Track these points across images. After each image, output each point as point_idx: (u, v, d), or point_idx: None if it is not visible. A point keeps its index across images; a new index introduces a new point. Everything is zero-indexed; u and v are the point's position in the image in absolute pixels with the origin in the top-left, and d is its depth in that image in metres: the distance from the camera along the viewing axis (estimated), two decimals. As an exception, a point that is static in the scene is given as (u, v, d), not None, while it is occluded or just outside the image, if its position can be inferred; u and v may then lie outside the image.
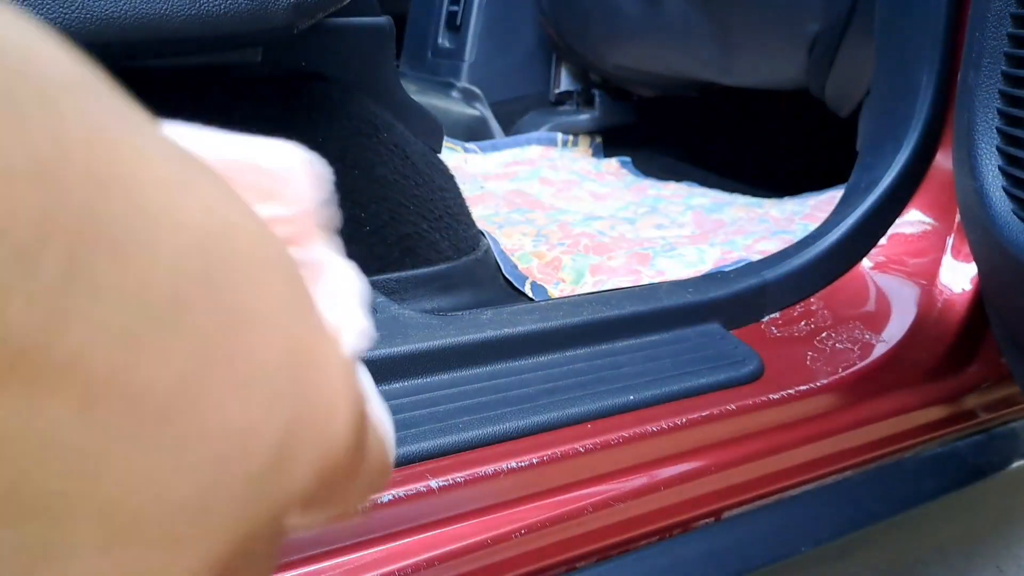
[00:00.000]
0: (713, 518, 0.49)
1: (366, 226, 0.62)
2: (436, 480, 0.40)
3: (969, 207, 0.55)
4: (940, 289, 0.63)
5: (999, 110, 0.52)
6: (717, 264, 0.72)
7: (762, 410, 0.52)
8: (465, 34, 1.29)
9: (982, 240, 0.54)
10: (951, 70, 0.64)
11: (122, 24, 0.43)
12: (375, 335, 0.46)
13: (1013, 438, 0.67)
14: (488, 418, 0.43)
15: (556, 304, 0.53)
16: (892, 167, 0.65)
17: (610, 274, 0.72)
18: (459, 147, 1.17)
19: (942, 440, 0.62)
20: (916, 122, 0.65)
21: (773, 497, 0.52)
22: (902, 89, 0.67)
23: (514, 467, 0.42)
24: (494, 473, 0.42)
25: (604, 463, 0.46)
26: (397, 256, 0.63)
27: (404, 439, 0.41)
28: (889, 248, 0.65)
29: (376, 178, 0.63)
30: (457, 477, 0.41)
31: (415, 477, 0.40)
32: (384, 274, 0.62)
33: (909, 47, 0.66)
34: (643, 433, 0.47)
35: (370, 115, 0.65)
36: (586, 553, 0.44)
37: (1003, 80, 0.52)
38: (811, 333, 0.59)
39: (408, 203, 0.64)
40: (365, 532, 0.38)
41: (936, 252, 0.64)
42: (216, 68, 0.60)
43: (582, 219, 0.90)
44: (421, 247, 0.64)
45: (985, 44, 0.53)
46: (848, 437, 0.56)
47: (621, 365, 0.51)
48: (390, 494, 0.39)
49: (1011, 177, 0.51)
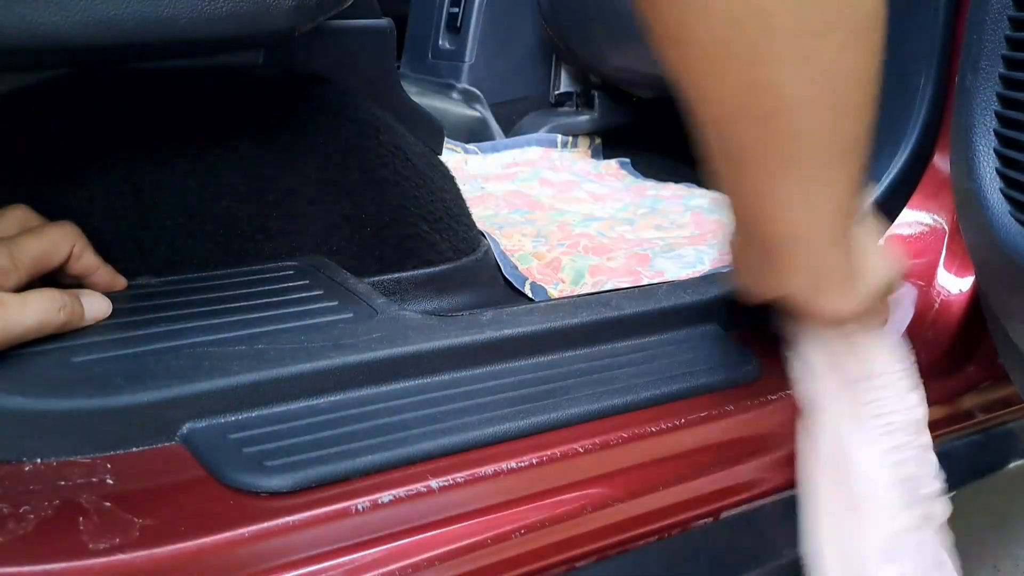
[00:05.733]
0: (711, 518, 0.49)
1: (366, 227, 0.62)
2: (436, 480, 0.40)
3: (966, 209, 0.55)
4: (937, 290, 0.63)
5: (997, 112, 0.52)
6: (716, 265, 0.72)
7: (760, 411, 0.52)
8: (465, 36, 1.29)
9: (979, 242, 0.54)
10: (949, 72, 0.64)
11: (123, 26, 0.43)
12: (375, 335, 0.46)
13: (1010, 438, 0.68)
14: (488, 419, 0.44)
15: (555, 305, 0.53)
16: (890, 169, 0.65)
17: (609, 275, 0.73)
18: (459, 148, 1.17)
19: (939, 440, 0.62)
20: (914, 124, 0.65)
21: (771, 497, 0.53)
22: (900, 91, 0.67)
23: (514, 467, 0.42)
24: (494, 473, 0.42)
25: (604, 463, 0.46)
26: (397, 257, 0.63)
27: (404, 440, 0.41)
28: (887, 249, 0.66)
29: (376, 179, 0.63)
30: (457, 477, 0.41)
31: (415, 477, 0.40)
32: (384, 275, 0.62)
33: (907, 49, 0.66)
34: (642, 433, 0.48)
35: (371, 117, 0.66)
36: (586, 553, 0.44)
37: (1001, 83, 0.52)
38: (809, 334, 0.59)
39: (408, 204, 0.64)
40: (365, 532, 0.38)
41: (933, 254, 0.64)
42: (218, 70, 0.61)
43: (582, 220, 0.90)
44: (421, 248, 0.64)
45: (983, 46, 0.53)
46: (846, 437, 0.56)
47: (620, 366, 0.51)
48: (390, 494, 0.39)
49: (1008, 179, 0.51)
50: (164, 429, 0.40)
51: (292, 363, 0.43)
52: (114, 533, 0.34)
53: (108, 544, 0.34)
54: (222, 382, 0.41)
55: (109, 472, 0.38)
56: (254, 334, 0.46)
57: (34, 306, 0.42)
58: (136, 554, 0.34)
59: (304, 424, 0.41)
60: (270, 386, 0.42)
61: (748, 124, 0.35)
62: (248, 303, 0.50)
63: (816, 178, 0.36)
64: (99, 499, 0.36)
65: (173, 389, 0.40)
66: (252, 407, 0.42)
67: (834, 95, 0.34)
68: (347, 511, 0.38)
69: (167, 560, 0.34)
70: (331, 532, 0.38)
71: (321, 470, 0.38)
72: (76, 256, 0.47)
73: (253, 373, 0.42)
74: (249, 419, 0.41)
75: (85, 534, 0.34)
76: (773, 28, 0.31)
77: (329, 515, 0.38)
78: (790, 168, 0.36)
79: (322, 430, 0.41)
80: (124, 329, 0.46)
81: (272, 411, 0.42)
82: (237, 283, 0.54)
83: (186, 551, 0.35)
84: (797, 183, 0.37)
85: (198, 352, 0.43)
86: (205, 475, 0.38)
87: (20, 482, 0.36)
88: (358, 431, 0.41)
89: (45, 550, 0.33)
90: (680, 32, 0.33)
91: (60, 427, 0.38)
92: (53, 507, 0.35)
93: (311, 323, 0.48)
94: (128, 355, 0.43)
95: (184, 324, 0.46)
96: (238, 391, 0.41)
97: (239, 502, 0.37)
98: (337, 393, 0.44)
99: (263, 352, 0.44)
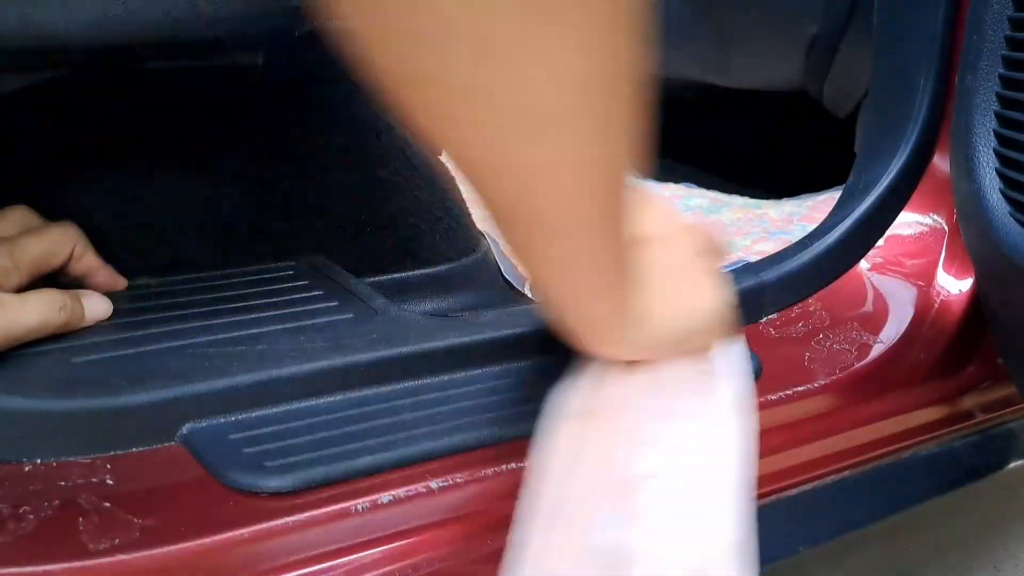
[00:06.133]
0: (711, 518, 0.49)
1: (366, 227, 0.62)
2: (436, 481, 0.40)
3: (966, 209, 0.55)
4: (937, 290, 0.63)
5: (996, 113, 0.52)
6: (716, 265, 0.72)
7: (760, 411, 0.52)
8: (465, 35, 1.29)
9: (979, 242, 0.54)
10: (949, 73, 0.64)
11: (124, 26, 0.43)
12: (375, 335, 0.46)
13: (1010, 438, 0.68)
14: (488, 419, 0.44)
15: (555, 305, 0.53)
16: (890, 169, 0.65)
17: (609, 275, 0.73)
18: (459, 148, 1.16)
19: (939, 440, 0.62)
20: (914, 124, 0.65)
21: (770, 497, 0.53)
22: (900, 91, 0.67)
23: (514, 468, 0.42)
24: (494, 474, 0.42)
25: (603, 463, 0.46)
26: (397, 257, 0.63)
27: (404, 440, 0.41)
28: (887, 250, 0.66)
29: (376, 180, 0.63)
30: (457, 478, 0.41)
31: (415, 477, 0.40)
32: (384, 275, 0.62)
33: (907, 49, 0.66)
34: (642, 434, 0.48)
35: (371, 117, 0.66)
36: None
37: (1000, 83, 0.52)
38: (809, 334, 0.59)
39: (408, 204, 0.64)
40: (365, 532, 0.38)
41: (933, 254, 0.64)
42: (218, 70, 0.61)
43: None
44: (421, 248, 0.64)
45: (983, 47, 0.53)
46: (846, 437, 0.57)
47: (620, 366, 0.51)
48: (390, 494, 0.39)
49: (1008, 179, 0.51)
50: (164, 429, 0.40)
51: (292, 363, 0.43)
52: (114, 533, 0.34)
53: (108, 544, 0.34)
54: (222, 382, 0.41)
55: (109, 472, 0.38)
56: (254, 334, 0.46)
57: (34, 306, 0.42)
58: (136, 554, 0.34)
59: (304, 424, 0.41)
60: (270, 386, 0.42)
61: (497, 187, 0.32)
62: (248, 303, 0.50)
63: (567, 239, 0.34)
64: (99, 499, 0.36)
65: (173, 389, 0.40)
66: (252, 407, 0.42)
67: (577, 172, 0.31)
68: (347, 511, 0.38)
69: (167, 560, 0.34)
70: (331, 532, 0.38)
71: (321, 470, 0.38)
72: (77, 257, 0.47)
73: (253, 373, 0.42)
74: (249, 419, 0.41)
75: (85, 534, 0.34)
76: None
77: (329, 515, 0.38)
78: (536, 232, 0.33)
79: (322, 430, 0.41)
80: (124, 329, 0.46)
81: (272, 411, 0.42)
82: (237, 283, 0.54)
83: (186, 551, 0.35)
84: (547, 243, 0.34)
85: (198, 352, 0.43)
86: (205, 475, 0.38)
87: (20, 482, 0.36)
88: (358, 431, 0.41)
89: (45, 550, 0.33)
90: (420, 78, 0.28)
91: (60, 427, 0.38)
92: (53, 507, 0.35)
93: (311, 323, 0.48)
94: (128, 355, 0.43)
95: (184, 324, 0.46)
96: (238, 391, 0.41)
97: (239, 502, 0.37)
98: (337, 393, 0.44)
99: (263, 352, 0.44)
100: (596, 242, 0.35)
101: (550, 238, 0.33)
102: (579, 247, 0.34)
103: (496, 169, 0.31)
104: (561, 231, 0.33)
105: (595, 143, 0.30)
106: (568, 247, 0.34)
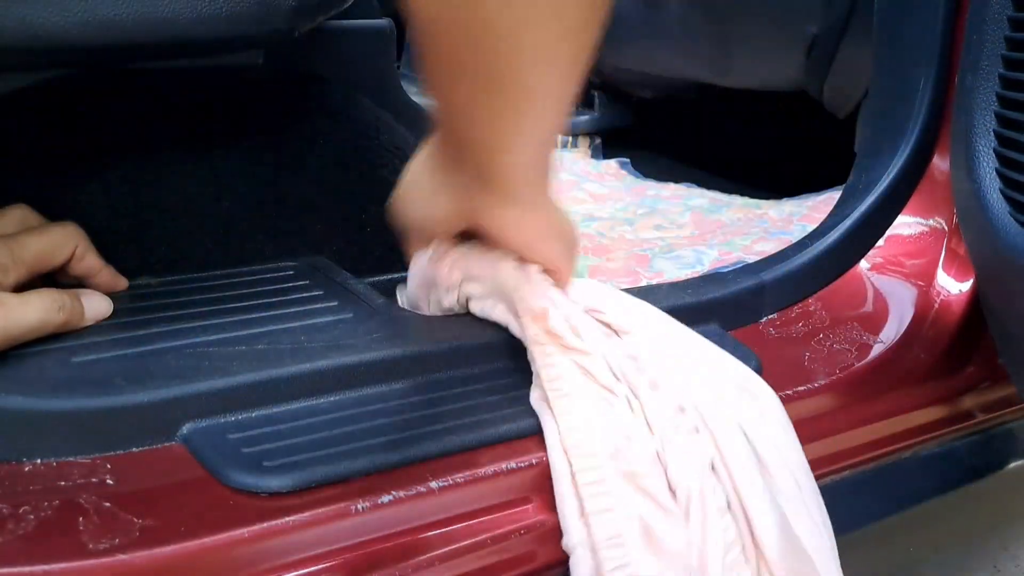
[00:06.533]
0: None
1: (366, 227, 0.62)
2: (436, 480, 0.40)
3: (966, 209, 0.55)
4: (937, 290, 0.63)
5: (996, 113, 0.52)
6: (715, 265, 0.72)
7: (760, 411, 0.52)
8: (465, 35, 1.29)
9: (979, 242, 0.55)
10: (949, 73, 0.65)
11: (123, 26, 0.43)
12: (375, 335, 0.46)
13: (1010, 438, 0.68)
14: (488, 419, 0.44)
15: (555, 305, 0.53)
16: (890, 169, 0.65)
17: (609, 275, 0.73)
18: (459, 148, 1.17)
19: (939, 440, 0.62)
20: (914, 124, 0.65)
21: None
22: (900, 91, 0.67)
23: (514, 467, 0.42)
24: (494, 474, 0.42)
25: (603, 463, 0.46)
26: (397, 257, 0.63)
27: (404, 440, 0.41)
28: (887, 249, 0.66)
29: (376, 179, 0.63)
30: (457, 477, 0.41)
31: (415, 477, 0.40)
32: (384, 275, 0.62)
33: (907, 49, 0.67)
34: (642, 433, 0.48)
35: (371, 117, 0.66)
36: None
37: (1000, 83, 0.52)
38: (809, 334, 0.59)
39: (408, 204, 0.64)
40: (365, 532, 0.38)
41: (933, 254, 0.64)
42: (218, 70, 0.61)
43: (581, 220, 0.90)
44: (421, 248, 0.64)
45: (983, 47, 0.53)
46: (845, 437, 0.57)
47: (620, 366, 0.51)
48: (390, 494, 0.39)
49: (1008, 179, 0.51)
50: (164, 429, 0.40)
51: (292, 363, 0.43)
52: (114, 533, 0.34)
53: (108, 544, 0.34)
54: (222, 382, 0.41)
55: (109, 472, 0.38)
56: (254, 334, 0.46)
57: (34, 305, 0.42)
58: (136, 554, 0.34)
59: (304, 424, 0.41)
60: (270, 386, 0.42)
61: (462, 40, 0.36)
62: (248, 303, 0.50)
63: (527, 99, 0.38)
64: (99, 499, 0.36)
65: (173, 389, 0.40)
66: (252, 407, 0.42)
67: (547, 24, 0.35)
68: (347, 511, 0.38)
69: (167, 560, 0.34)
70: (331, 532, 0.38)
71: (321, 470, 0.38)
72: (79, 257, 0.47)
73: (253, 373, 0.42)
74: (249, 419, 0.41)
75: (85, 534, 0.34)
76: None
77: (329, 515, 0.38)
78: (502, 87, 0.38)
79: (322, 430, 0.41)
80: (124, 329, 0.46)
81: (272, 411, 0.42)
82: (237, 283, 0.54)
83: (186, 551, 0.35)
84: (507, 101, 0.38)
85: (198, 352, 0.43)
86: (205, 475, 0.38)
87: (20, 482, 0.36)
88: (358, 431, 0.41)
89: (45, 550, 0.33)
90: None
91: (60, 427, 0.38)
92: (53, 507, 0.35)
93: (311, 323, 0.48)
94: (128, 355, 0.43)
95: (184, 324, 0.46)
96: (238, 391, 0.41)
97: (239, 502, 0.37)
98: (337, 393, 0.44)
99: (263, 352, 0.44)
100: (551, 97, 0.39)
101: (520, 83, 0.38)
102: (543, 100, 0.39)
103: (467, 23, 0.35)
104: (521, 82, 0.37)
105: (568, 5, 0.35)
106: (533, 98, 0.39)
